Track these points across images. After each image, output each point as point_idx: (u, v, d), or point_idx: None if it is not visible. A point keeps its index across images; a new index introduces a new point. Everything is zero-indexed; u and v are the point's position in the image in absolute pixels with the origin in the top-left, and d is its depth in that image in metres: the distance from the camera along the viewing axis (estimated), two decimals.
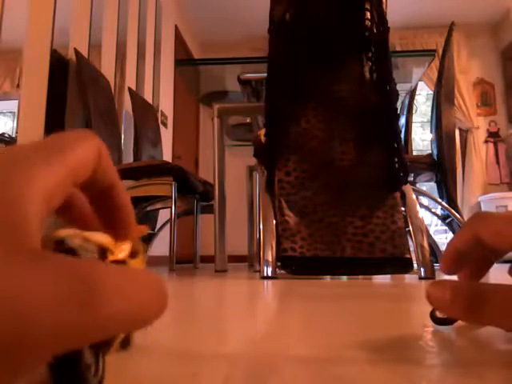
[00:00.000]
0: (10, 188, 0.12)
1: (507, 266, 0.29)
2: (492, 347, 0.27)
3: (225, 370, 0.23)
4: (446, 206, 1.74)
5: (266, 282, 0.98)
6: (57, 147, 0.15)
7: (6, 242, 0.11)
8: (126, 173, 1.82)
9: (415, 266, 1.06)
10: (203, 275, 1.35)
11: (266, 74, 1.21)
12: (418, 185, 2.00)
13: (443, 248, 4.07)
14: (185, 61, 2.88)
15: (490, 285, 0.25)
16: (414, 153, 3.09)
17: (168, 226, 1.95)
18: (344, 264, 1.05)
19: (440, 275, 1.19)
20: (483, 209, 4.05)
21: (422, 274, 1.05)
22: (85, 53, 2.17)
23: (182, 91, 3.61)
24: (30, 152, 0.14)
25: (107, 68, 2.43)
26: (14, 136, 1.72)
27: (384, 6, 1.19)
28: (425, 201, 2.54)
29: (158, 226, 2.46)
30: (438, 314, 0.34)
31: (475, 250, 0.29)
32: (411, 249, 1.07)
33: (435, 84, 1.88)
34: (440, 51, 1.88)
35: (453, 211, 1.74)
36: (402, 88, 1.77)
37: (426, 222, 1.21)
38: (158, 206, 2.07)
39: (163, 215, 2.35)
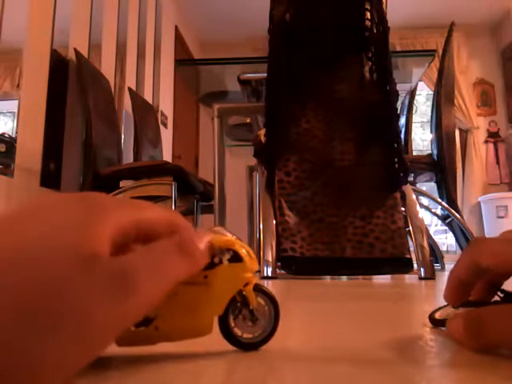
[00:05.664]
0: (91, 227, 0.17)
1: None
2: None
3: (226, 369, 0.23)
4: (446, 206, 1.74)
5: (266, 282, 0.98)
6: (132, 206, 0.20)
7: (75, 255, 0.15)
8: (126, 173, 1.82)
9: (415, 266, 1.06)
10: None
11: (265, 74, 1.21)
12: (418, 185, 2.00)
13: (443, 248, 4.07)
14: (185, 61, 2.88)
15: (484, 307, 0.26)
16: (414, 153, 3.09)
17: None
18: (344, 264, 1.05)
19: (439, 276, 1.19)
20: (483, 209, 4.05)
21: (422, 274, 1.05)
22: (85, 53, 2.17)
23: (182, 91, 3.61)
24: (112, 204, 0.19)
25: (107, 68, 2.43)
26: (14, 136, 1.72)
27: (384, 6, 1.19)
28: (425, 201, 2.54)
29: None
30: (438, 316, 0.34)
31: (478, 278, 0.29)
32: (411, 249, 1.07)
33: (435, 84, 1.88)
34: (440, 51, 1.88)
35: (453, 211, 1.74)
36: (402, 88, 1.77)
37: (426, 222, 1.21)
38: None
39: None
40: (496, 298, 0.30)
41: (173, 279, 0.18)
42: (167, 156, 3.23)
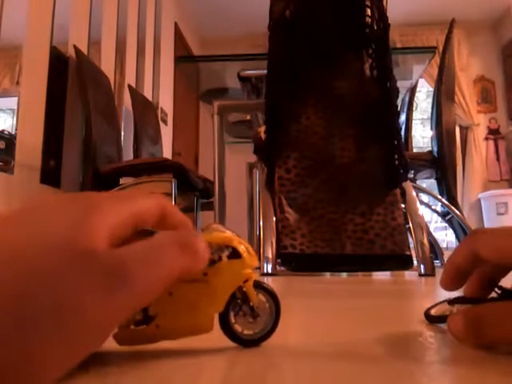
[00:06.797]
0: (87, 223, 0.16)
1: None
2: None
3: (225, 365, 0.23)
4: (446, 203, 1.74)
5: (266, 278, 0.98)
6: (125, 198, 0.19)
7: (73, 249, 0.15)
8: (126, 170, 1.82)
9: (415, 262, 1.06)
10: None
11: (265, 71, 1.21)
12: (418, 182, 2.00)
13: (443, 245, 4.06)
14: (184, 57, 2.88)
15: (484, 305, 0.26)
16: (414, 150, 3.09)
17: None
18: (344, 261, 1.05)
19: (439, 273, 1.19)
20: (483, 206, 4.05)
21: (422, 271, 1.05)
22: (84, 50, 2.16)
23: (182, 88, 3.60)
24: (105, 200, 0.18)
25: (107, 65, 2.43)
26: (13, 133, 1.71)
27: (384, 2, 1.18)
28: (425, 198, 2.53)
29: None
30: (433, 313, 0.34)
31: (475, 267, 0.29)
32: (411, 246, 1.07)
33: (435, 81, 1.88)
34: (440, 48, 1.87)
35: (453, 208, 1.74)
36: (402, 85, 1.77)
37: (426, 218, 1.21)
38: None
39: None
40: (493, 294, 0.30)
41: (172, 273, 0.18)
42: (167, 153, 3.22)
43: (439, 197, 1.76)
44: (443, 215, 1.93)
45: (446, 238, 3.99)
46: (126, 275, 0.16)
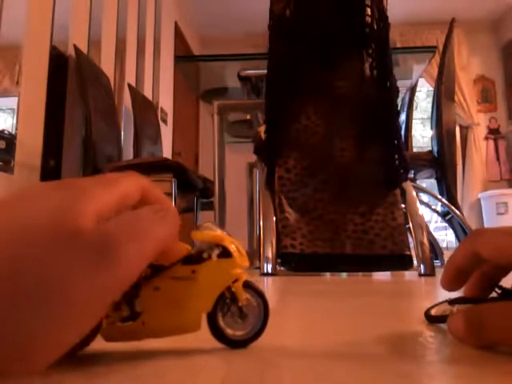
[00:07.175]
0: (74, 206, 0.17)
1: None
2: None
3: (224, 365, 0.23)
4: (446, 202, 1.74)
5: (265, 278, 0.98)
6: (108, 182, 0.20)
7: (60, 229, 0.16)
8: (126, 170, 1.82)
9: (415, 262, 1.06)
10: None
11: (265, 71, 1.21)
12: (418, 182, 2.00)
13: (443, 245, 4.05)
14: (185, 57, 2.88)
15: (484, 305, 0.26)
16: (414, 149, 3.08)
17: None
18: (344, 261, 1.05)
19: (439, 273, 1.19)
20: (483, 206, 4.05)
21: (422, 271, 1.05)
22: (84, 49, 2.16)
23: (182, 88, 3.60)
24: (90, 184, 0.19)
25: (107, 64, 2.43)
26: (13, 133, 1.71)
27: (384, 2, 1.18)
28: (425, 198, 2.53)
29: None
30: (433, 313, 0.34)
31: (475, 267, 0.29)
32: (411, 246, 1.07)
33: (436, 80, 1.88)
34: (441, 48, 1.87)
35: (453, 208, 1.74)
36: (402, 84, 1.77)
37: (426, 218, 1.21)
38: None
39: None
40: (493, 294, 0.30)
41: (156, 243, 0.19)
42: (167, 153, 3.22)
43: (439, 196, 1.76)
44: (443, 215, 1.93)
45: (446, 237, 3.99)
46: (113, 248, 0.16)
